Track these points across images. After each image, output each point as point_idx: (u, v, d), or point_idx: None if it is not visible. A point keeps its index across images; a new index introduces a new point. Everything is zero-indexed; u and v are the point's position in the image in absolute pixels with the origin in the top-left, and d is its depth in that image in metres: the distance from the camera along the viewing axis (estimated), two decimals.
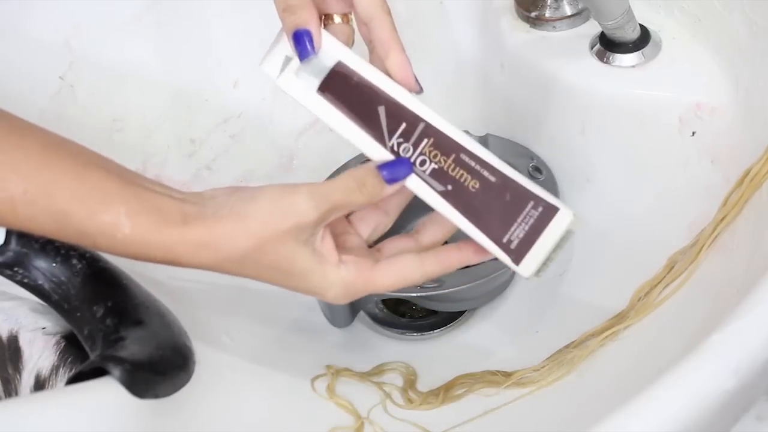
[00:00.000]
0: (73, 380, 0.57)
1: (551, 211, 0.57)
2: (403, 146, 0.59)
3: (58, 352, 0.63)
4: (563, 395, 0.67)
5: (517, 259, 0.58)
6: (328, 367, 0.73)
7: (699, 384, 0.49)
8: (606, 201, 0.78)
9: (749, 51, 0.69)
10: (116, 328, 0.60)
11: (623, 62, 0.76)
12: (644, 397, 0.48)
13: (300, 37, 0.58)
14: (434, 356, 0.76)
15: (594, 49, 0.77)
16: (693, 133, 0.72)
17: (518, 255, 0.58)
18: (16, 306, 0.66)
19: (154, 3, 0.84)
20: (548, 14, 0.81)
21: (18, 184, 0.50)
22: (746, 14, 0.69)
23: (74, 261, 0.63)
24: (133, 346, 0.58)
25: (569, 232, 0.58)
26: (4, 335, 0.64)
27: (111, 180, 0.53)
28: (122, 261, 0.65)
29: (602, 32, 0.76)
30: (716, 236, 0.66)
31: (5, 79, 0.78)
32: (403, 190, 0.60)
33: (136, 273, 0.65)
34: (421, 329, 0.78)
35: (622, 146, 0.76)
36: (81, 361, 0.62)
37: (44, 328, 0.64)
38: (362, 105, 0.59)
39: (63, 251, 0.63)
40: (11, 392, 0.63)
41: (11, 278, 0.63)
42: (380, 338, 0.78)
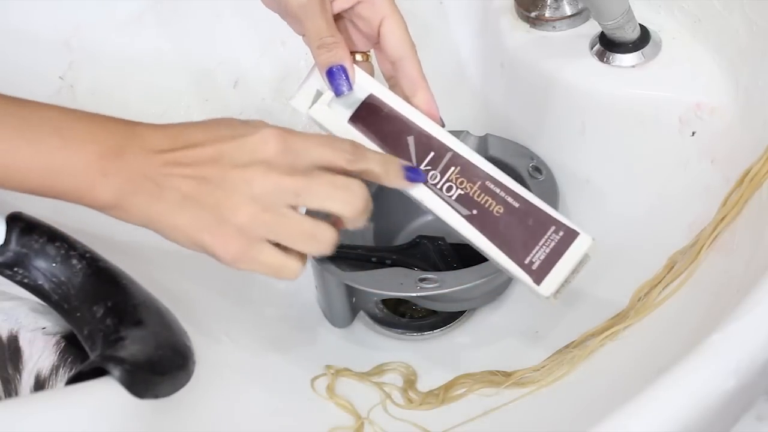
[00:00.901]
0: (73, 380, 0.57)
1: (571, 236, 0.61)
2: (431, 173, 0.62)
3: (58, 352, 0.63)
4: (563, 395, 0.67)
5: (538, 280, 0.61)
6: (328, 367, 0.73)
7: (699, 384, 0.49)
8: (606, 201, 0.78)
9: (749, 51, 0.69)
10: (116, 328, 0.60)
11: (623, 62, 0.76)
12: (644, 397, 0.48)
13: (336, 74, 0.60)
14: (434, 356, 0.76)
15: (594, 49, 0.77)
16: (693, 133, 0.72)
17: (539, 276, 0.61)
18: (16, 306, 0.65)
19: (154, 3, 0.84)
20: (548, 14, 0.81)
21: None
22: (746, 14, 0.69)
23: (74, 261, 0.63)
24: (133, 346, 0.58)
25: (587, 257, 0.61)
26: (4, 335, 0.64)
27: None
28: (122, 261, 0.65)
29: (602, 32, 0.76)
30: (716, 236, 0.66)
31: (5, 79, 0.78)
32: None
33: (137, 273, 0.65)
34: (421, 329, 0.78)
35: (622, 146, 0.76)
36: (81, 361, 0.62)
37: (44, 328, 0.64)
38: (392, 135, 0.62)
39: (63, 251, 0.63)
40: (11, 392, 0.63)
41: (11, 278, 0.63)
42: (380, 338, 0.78)
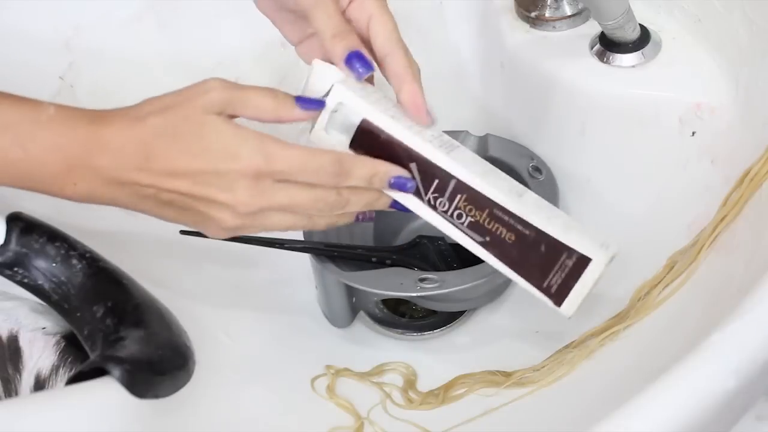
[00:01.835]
0: (73, 380, 0.57)
1: (584, 261, 0.61)
2: (439, 200, 0.62)
3: (58, 352, 0.63)
4: (563, 395, 0.67)
5: (558, 302, 0.62)
6: (328, 367, 0.73)
7: (699, 384, 0.49)
8: (606, 201, 0.78)
9: (749, 51, 0.69)
10: (116, 328, 0.60)
11: (623, 62, 0.75)
12: (644, 397, 0.48)
13: (356, 58, 0.61)
14: (434, 356, 0.76)
15: (594, 49, 0.77)
16: (693, 133, 0.72)
17: (558, 298, 0.62)
18: (16, 306, 0.65)
19: (154, 3, 0.84)
20: (548, 14, 0.81)
21: None
22: (746, 14, 0.69)
23: (74, 261, 0.63)
24: (133, 346, 0.58)
25: (604, 272, 0.61)
26: (4, 335, 0.64)
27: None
28: (123, 262, 0.65)
29: (602, 32, 0.76)
30: (716, 236, 0.66)
31: (5, 79, 0.78)
32: None
33: (137, 273, 0.65)
34: (421, 329, 0.78)
35: (622, 146, 0.76)
36: (81, 361, 0.62)
37: (44, 328, 0.64)
38: (394, 161, 0.61)
39: (63, 251, 0.63)
40: (11, 392, 0.63)
41: (11, 278, 0.63)
42: (380, 338, 0.78)
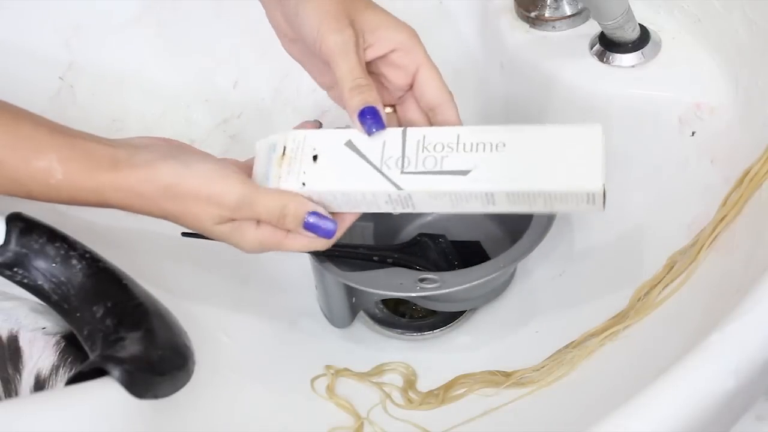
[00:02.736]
0: (73, 380, 0.57)
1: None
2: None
3: (58, 352, 0.63)
4: (563, 395, 0.67)
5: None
6: (328, 367, 0.73)
7: (699, 384, 0.49)
8: (606, 201, 0.77)
9: (749, 51, 0.69)
10: (116, 329, 0.60)
11: (623, 62, 0.75)
12: (644, 397, 0.48)
13: (369, 114, 0.61)
14: (434, 356, 0.76)
15: (594, 49, 0.77)
16: (693, 133, 0.72)
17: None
18: (16, 306, 0.65)
19: (154, 3, 0.84)
20: (548, 14, 0.81)
21: None
22: (746, 14, 0.69)
23: (74, 261, 0.63)
24: (133, 347, 0.58)
25: (603, 138, 0.59)
26: (4, 335, 0.64)
27: (42, 131, 0.57)
28: (123, 262, 0.65)
29: (602, 32, 0.76)
30: (716, 236, 0.66)
31: (5, 80, 0.78)
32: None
33: (137, 273, 0.65)
34: (421, 329, 0.78)
35: (622, 146, 0.76)
36: (81, 361, 0.62)
37: (44, 328, 0.64)
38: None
39: (63, 251, 0.63)
40: (11, 392, 0.63)
41: (11, 278, 0.63)
42: (380, 338, 0.78)
